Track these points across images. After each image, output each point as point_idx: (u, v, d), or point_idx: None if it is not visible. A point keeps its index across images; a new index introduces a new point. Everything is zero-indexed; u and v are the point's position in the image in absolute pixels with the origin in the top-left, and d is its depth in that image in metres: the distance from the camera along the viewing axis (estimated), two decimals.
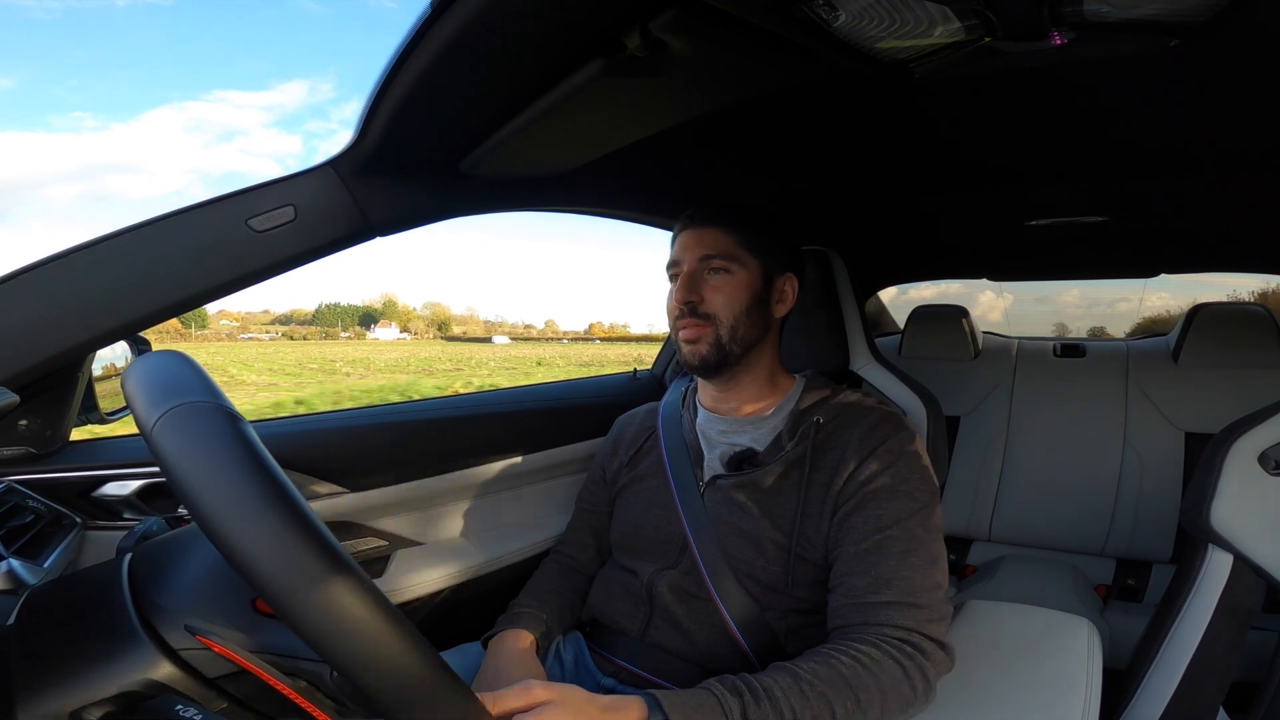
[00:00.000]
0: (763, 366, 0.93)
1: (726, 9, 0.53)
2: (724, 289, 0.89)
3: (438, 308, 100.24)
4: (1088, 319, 23.99)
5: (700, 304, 0.89)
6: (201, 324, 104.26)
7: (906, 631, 0.71)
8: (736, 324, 0.88)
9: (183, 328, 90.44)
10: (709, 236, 0.90)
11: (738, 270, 0.89)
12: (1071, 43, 0.59)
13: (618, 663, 0.88)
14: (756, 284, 0.90)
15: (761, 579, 0.83)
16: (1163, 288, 8.64)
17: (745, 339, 0.89)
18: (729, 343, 0.88)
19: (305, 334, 55.61)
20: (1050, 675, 0.78)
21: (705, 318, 0.88)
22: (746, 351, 0.90)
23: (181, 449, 0.42)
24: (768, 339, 0.93)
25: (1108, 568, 1.80)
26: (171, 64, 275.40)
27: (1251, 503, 0.87)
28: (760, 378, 0.93)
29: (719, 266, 0.89)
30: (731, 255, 0.89)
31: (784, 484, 0.85)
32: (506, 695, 0.57)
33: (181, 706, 0.51)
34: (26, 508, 0.86)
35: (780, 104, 0.83)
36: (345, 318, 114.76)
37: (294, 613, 0.40)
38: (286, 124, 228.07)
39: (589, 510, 1.07)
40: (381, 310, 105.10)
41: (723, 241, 0.89)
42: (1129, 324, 14.38)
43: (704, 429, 0.95)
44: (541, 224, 30.34)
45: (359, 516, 1.08)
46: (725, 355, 0.89)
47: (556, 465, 1.31)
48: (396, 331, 73.26)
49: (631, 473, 1.00)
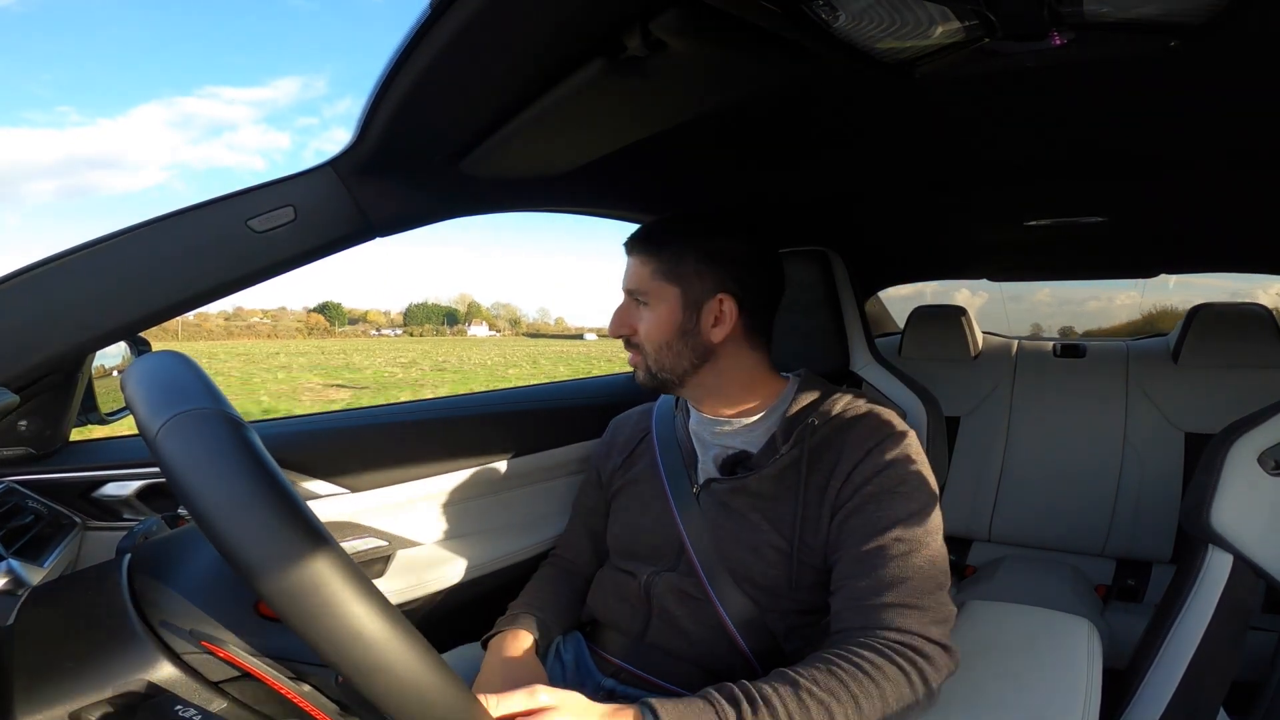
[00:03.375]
0: (728, 378, 0.90)
1: (727, 9, 0.53)
2: (645, 320, 0.88)
3: (507, 308, 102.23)
4: (1059, 316, 24.37)
5: (631, 334, 0.89)
6: (342, 321, 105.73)
7: (909, 635, 0.70)
8: (660, 354, 0.88)
9: (329, 325, 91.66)
10: (631, 268, 0.90)
11: (655, 303, 0.87)
12: (1071, 43, 0.59)
13: (617, 663, 0.88)
14: (677, 315, 0.87)
15: (760, 583, 0.83)
16: (1133, 287, 8.78)
17: (675, 367, 0.88)
18: (659, 371, 0.89)
19: (421, 331, 58.35)
20: (1050, 675, 0.78)
21: (635, 347, 0.90)
22: (684, 376, 0.89)
23: (186, 456, 0.43)
24: (719, 357, 0.88)
25: (1108, 568, 1.80)
26: (165, 59, 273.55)
27: (1251, 503, 0.87)
28: (731, 386, 0.90)
29: (640, 299, 0.89)
30: (646, 290, 0.88)
31: (781, 488, 0.84)
32: (512, 698, 0.57)
33: (181, 707, 0.51)
34: (26, 508, 0.86)
35: (780, 104, 0.83)
36: (434, 316, 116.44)
37: (300, 619, 0.40)
38: (276, 120, 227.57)
39: (586, 513, 1.07)
40: (466, 311, 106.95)
41: (640, 274, 0.88)
42: (1100, 321, 14.40)
43: (697, 430, 0.95)
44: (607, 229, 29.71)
45: (359, 517, 1.08)
46: (660, 381, 0.90)
47: (557, 465, 1.31)
48: (486, 330, 75.76)
49: (626, 475, 0.99)
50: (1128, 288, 2.37)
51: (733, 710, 0.62)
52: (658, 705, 0.61)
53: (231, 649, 0.53)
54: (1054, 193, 1.23)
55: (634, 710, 0.62)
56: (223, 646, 0.53)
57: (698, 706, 0.62)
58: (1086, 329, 3.25)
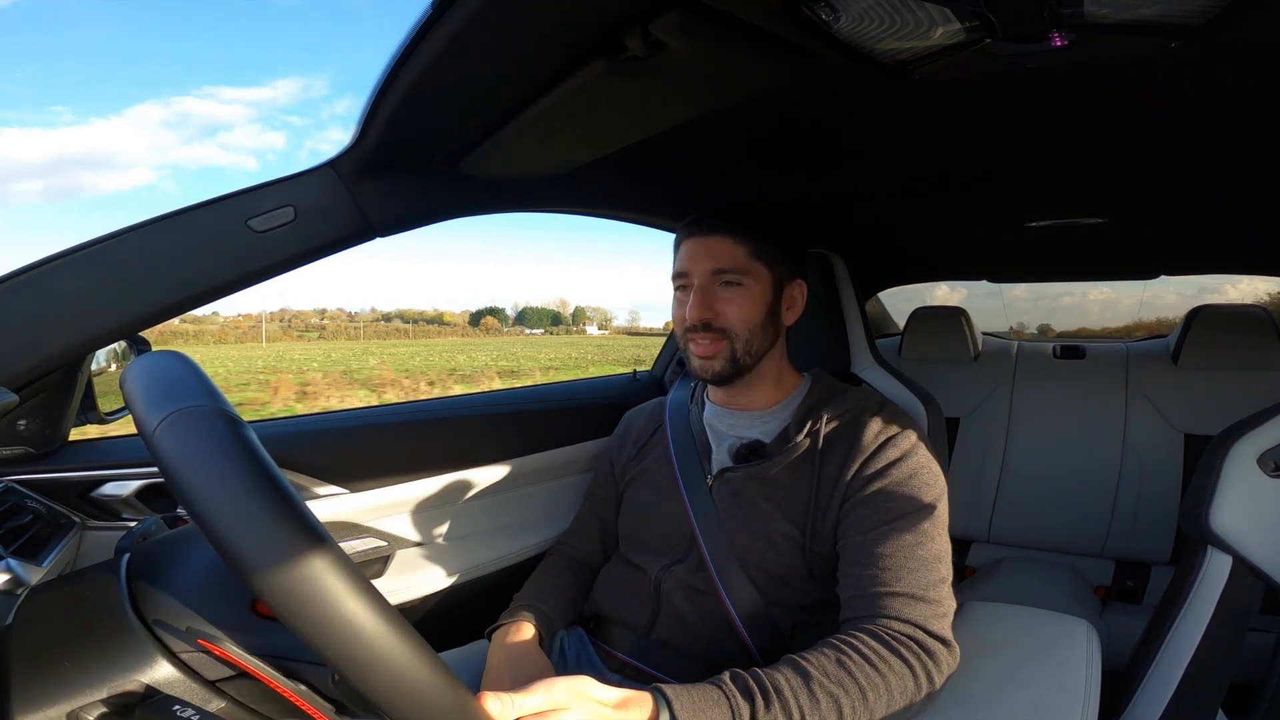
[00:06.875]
0: (772, 368, 0.93)
1: (727, 10, 0.53)
2: (737, 302, 0.87)
3: (599, 310, 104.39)
4: (1035, 312, 24.63)
5: (715, 319, 0.87)
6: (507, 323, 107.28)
7: (913, 628, 0.71)
8: (751, 337, 0.87)
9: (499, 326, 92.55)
10: (719, 248, 0.87)
11: (750, 283, 0.87)
12: (1071, 44, 0.59)
13: (622, 658, 0.88)
14: (768, 294, 0.89)
15: (771, 571, 0.83)
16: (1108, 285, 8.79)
17: (758, 350, 0.89)
18: (743, 356, 0.88)
19: (555, 331, 60.38)
20: (1049, 677, 0.78)
21: (720, 332, 0.87)
22: (759, 361, 0.90)
23: (183, 454, 0.43)
24: (778, 344, 0.93)
25: (1107, 569, 1.80)
26: (165, 59, 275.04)
27: (1251, 505, 0.87)
28: (769, 378, 0.93)
29: (731, 280, 0.87)
30: (744, 268, 0.87)
31: (794, 477, 0.85)
32: (529, 697, 0.55)
33: (179, 707, 0.51)
34: (25, 508, 0.86)
35: (781, 105, 0.83)
36: (544, 318, 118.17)
37: (297, 616, 0.40)
38: (272, 120, 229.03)
39: (598, 501, 1.06)
40: (570, 314, 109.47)
41: (734, 253, 0.87)
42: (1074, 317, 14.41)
43: (711, 422, 0.96)
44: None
45: (359, 516, 1.08)
46: (739, 368, 0.88)
47: (556, 466, 1.31)
48: (596, 329, 77.86)
49: (639, 467, 1.00)
50: (1100, 284, 2.37)
51: (746, 704, 0.62)
52: (671, 694, 0.61)
53: (228, 647, 0.53)
54: (1054, 194, 1.23)
55: (648, 696, 0.61)
56: (219, 644, 0.53)
57: (712, 696, 0.62)
58: (1063, 326, 3.26)
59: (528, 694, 0.55)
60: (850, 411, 0.88)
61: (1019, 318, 2.62)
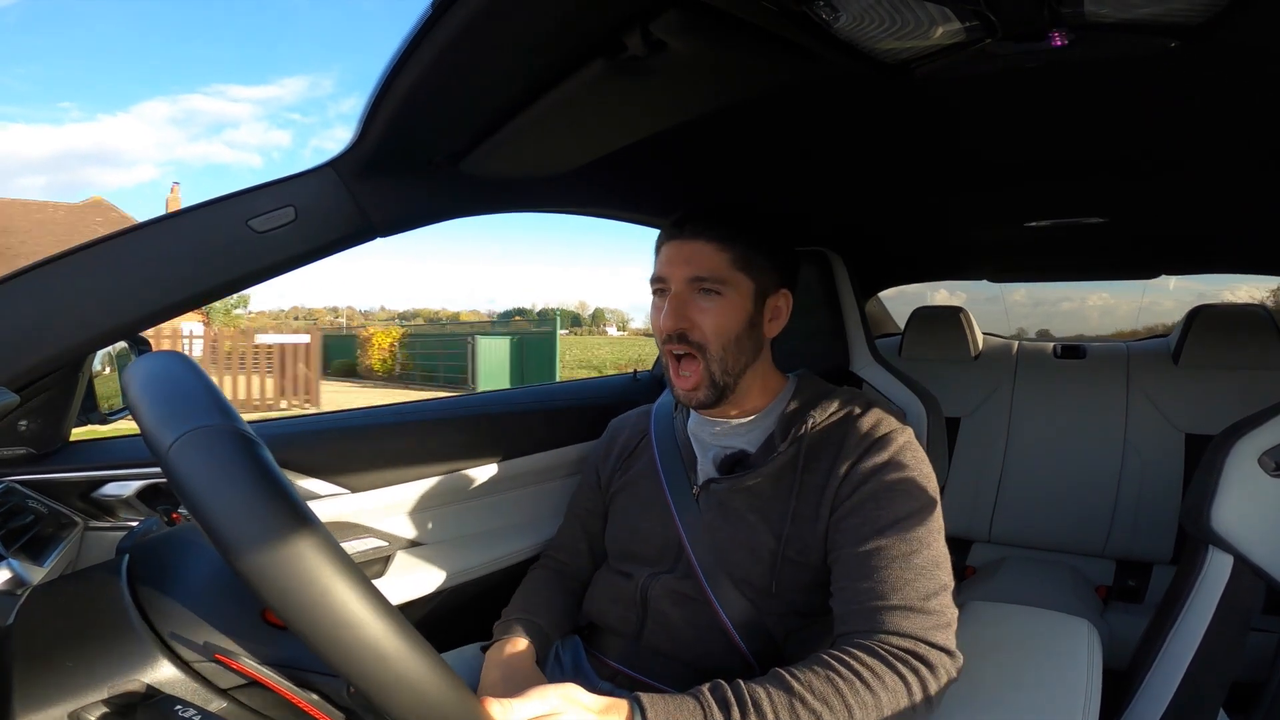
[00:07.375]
0: (755, 380, 0.89)
1: (727, 10, 0.53)
2: (714, 313, 0.82)
3: (616, 313, 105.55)
4: (1034, 318, 24.59)
5: (690, 330, 0.82)
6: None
7: (912, 641, 0.68)
8: (726, 354, 0.83)
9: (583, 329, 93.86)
10: (699, 253, 0.82)
11: (729, 293, 0.82)
12: (1071, 44, 0.59)
13: (613, 666, 0.88)
14: (749, 305, 0.84)
15: (757, 584, 0.82)
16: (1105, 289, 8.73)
17: (736, 368, 0.84)
18: (721, 376, 0.83)
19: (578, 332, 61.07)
20: (1050, 676, 0.78)
21: (695, 345, 0.83)
22: (739, 377, 0.86)
23: (204, 477, 0.43)
24: (762, 356, 0.88)
25: (1108, 569, 1.80)
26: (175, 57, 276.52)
27: (1252, 504, 0.87)
28: (754, 387, 0.89)
29: (710, 289, 0.82)
30: (723, 277, 0.82)
31: (777, 487, 0.83)
32: (526, 704, 0.57)
33: (180, 707, 0.51)
34: (27, 508, 0.86)
35: (781, 104, 0.83)
36: (563, 319, 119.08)
37: (326, 645, 0.41)
38: (278, 118, 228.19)
39: (582, 514, 1.05)
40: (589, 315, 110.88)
41: (715, 260, 0.82)
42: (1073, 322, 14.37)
43: (696, 431, 0.94)
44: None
45: (359, 517, 1.08)
46: (721, 390, 0.84)
47: (557, 466, 1.31)
48: (616, 330, 78.92)
49: (624, 477, 0.98)
50: (1097, 289, 2.37)
51: (722, 715, 0.61)
52: (646, 702, 0.61)
53: (245, 661, 0.54)
54: (1054, 193, 1.23)
55: (625, 704, 0.62)
56: (235, 659, 0.53)
57: (688, 706, 0.62)
58: (1062, 331, 3.24)
59: (524, 700, 0.58)
60: (835, 414, 0.85)
61: (1018, 323, 2.61)
